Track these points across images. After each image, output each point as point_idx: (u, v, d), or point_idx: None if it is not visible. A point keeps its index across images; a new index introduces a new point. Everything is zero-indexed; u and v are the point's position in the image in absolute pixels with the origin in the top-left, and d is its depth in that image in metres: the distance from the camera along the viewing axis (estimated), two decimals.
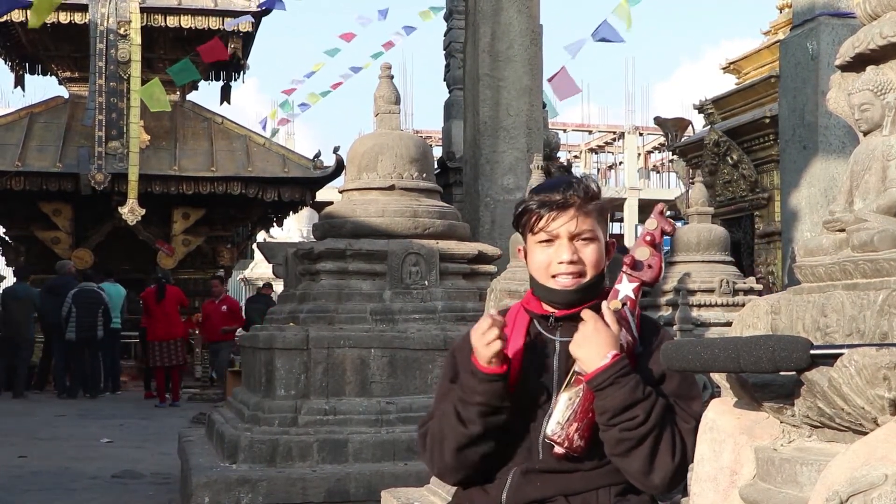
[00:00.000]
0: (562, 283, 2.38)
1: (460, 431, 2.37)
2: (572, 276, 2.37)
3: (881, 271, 1.91)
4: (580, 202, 2.37)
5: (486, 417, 2.35)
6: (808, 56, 8.67)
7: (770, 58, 14.12)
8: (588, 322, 2.30)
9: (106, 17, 16.47)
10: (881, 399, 1.70)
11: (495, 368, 2.32)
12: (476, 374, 2.34)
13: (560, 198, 2.37)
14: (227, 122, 18.53)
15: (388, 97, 7.47)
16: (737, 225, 13.66)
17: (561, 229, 2.37)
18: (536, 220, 2.39)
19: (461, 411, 2.37)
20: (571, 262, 2.36)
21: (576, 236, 2.37)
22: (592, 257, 2.38)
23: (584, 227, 2.37)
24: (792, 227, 9.03)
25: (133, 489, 7.61)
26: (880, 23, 2.05)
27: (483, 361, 2.32)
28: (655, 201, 16.03)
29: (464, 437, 2.37)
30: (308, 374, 6.46)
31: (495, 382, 2.32)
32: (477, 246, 7.31)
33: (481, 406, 2.34)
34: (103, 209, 17.28)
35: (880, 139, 2.05)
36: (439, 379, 2.61)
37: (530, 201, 2.41)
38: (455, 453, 2.40)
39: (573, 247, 2.37)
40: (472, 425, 2.36)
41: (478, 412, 2.34)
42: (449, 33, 19.14)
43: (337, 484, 6.04)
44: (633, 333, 2.37)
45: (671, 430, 2.27)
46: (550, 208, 2.37)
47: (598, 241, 2.40)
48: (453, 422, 2.38)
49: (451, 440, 2.39)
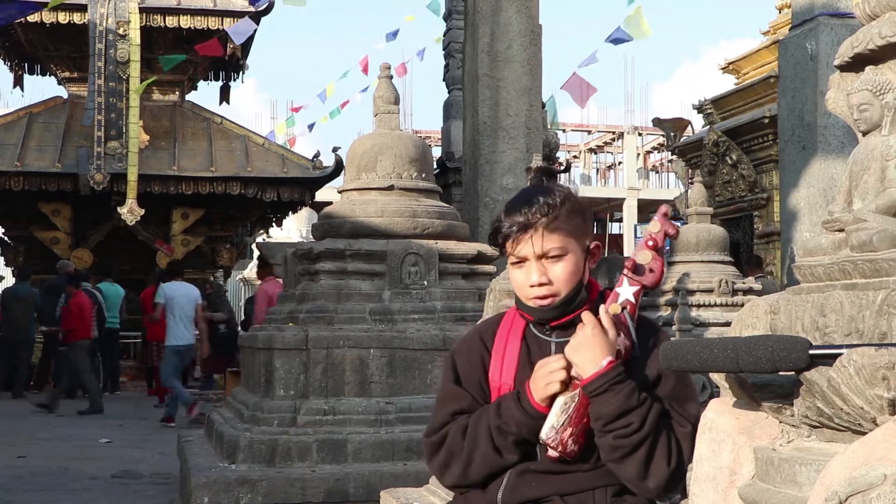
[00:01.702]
0: (539, 304, 2.36)
1: (494, 460, 2.34)
2: (546, 297, 2.34)
3: (880, 271, 1.91)
4: (545, 220, 2.31)
5: (521, 446, 2.33)
6: (808, 56, 8.67)
7: (769, 58, 14.12)
8: (586, 326, 2.28)
9: (105, 18, 16.47)
10: (880, 399, 1.70)
11: (546, 408, 2.29)
12: (526, 408, 2.30)
13: (522, 219, 2.32)
14: (226, 122, 18.53)
15: (388, 97, 7.47)
16: (736, 225, 13.66)
17: (527, 251, 2.33)
18: (505, 243, 2.37)
19: (496, 439, 2.32)
20: (541, 283, 2.32)
21: (543, 255, 2.33)
22: (563, 274, 2.33)
23: (550, 244, 2.32)
24: (791, 227, 9.03)
25: (133, 489, 7.61)
26: (879, 23, 2.05)
27: (537, 397, 2.29)
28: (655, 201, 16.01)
29: (497, 465, 2.35)
30: (307, 374, 6.46)
31: (540, 421, 2.29)
32: (476, 246, 7.31)
33: (519, 437, 2.31)
34: (102, 209, 17.27)
35: (879, 139, 2.05)
36: (440, 383, 2.57)
37: (499, 223, 2.38)
38: (483, 476, 2.37)
39: (542, 267, 2.33)
40: (508, 454, 2.33)
41: (514, 441, 2.32)
42: (448, 33, 19.15)
43: (336, 484, 6.04)
44: (631, 338, 2.35)
45: (666, 436, 2.26)
46: (515, 231, 2.33)
47: (570, 255, 2.34)
48: (487, 448, 2.34)
49: (482, 464, 2.35)
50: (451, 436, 2.40)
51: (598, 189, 38.96)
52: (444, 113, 19.49)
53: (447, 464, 2.40)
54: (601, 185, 40.92)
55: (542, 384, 2.28)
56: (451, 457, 2.39)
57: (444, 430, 2.41)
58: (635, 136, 38.67)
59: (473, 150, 11.27)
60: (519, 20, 11.14)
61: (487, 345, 2.47)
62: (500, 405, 2.34)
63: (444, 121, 19.48)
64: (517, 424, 2.30)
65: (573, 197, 2.40)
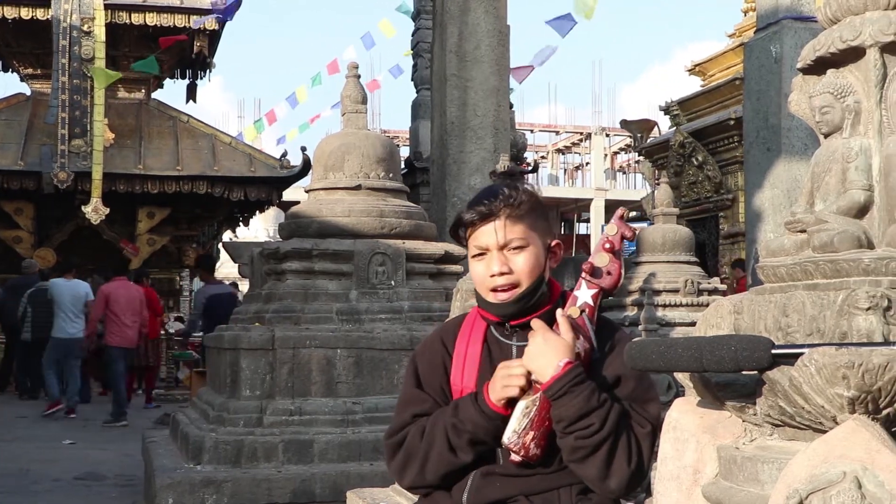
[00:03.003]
0: (499, 298, 2.35)
1: (450, 459, 2.34)
2: (507, 288, 2.34)
3: (841, 272, 1.94)
4: (507, 210, 2.32)
5: (476, 446, 2.33)
6: (772, 59, 8.76)
7: (735, 60, 14.25)
8: (536, 334, 2.29)
9: (69, 14, 16.29)
10: (840, 398, 1.72)
11: (503, 409, 2.29)
12: (483, 408, 2.30)
13: (485, 209, 2.33)
14: (192, 120, 18.39)
15: (355, 97, 7.46)
16: (702, 226, 13.77)
17: (489, 240, 2.33)
18: (466, 233, 2.37)
19: (452, 438, 2.33)
20: (502, 273, 2.32)
21: (505, 246, 2.33)
22: (524, 266, 2.33)
23: (512, 235, 2.33)
24: (756, 227, 9.11)
25: (96, 491, 7.54)
26: (840, 27, 2.08)
27: (494, 398, 2.29)
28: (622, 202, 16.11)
29: (452, 465, 2.35)
30: (274, 375, 6.44)
31: (498, 421, 2.30)
32: (443, 246, 7.31)
33: (475, 437, 2.32)
34: (67, 208, 17.09)
35: (840, 141, 2.07)
36: (403, 386, 2.57)
37: (461, 213, 2.39)
38: (439, 476, 2.37)
39: (503, 257, 2.33)
40: (463, 454, 2.33)
41: (469, 441, 2.32)
42: (416, 33, 19.14)
43: (302, 484, 6.02)
44: (591, 340, 2.36)
45: (627, 436, 2.27)
46: (477, 220, 2.34)
47: (532, 248, 2.35)
48: (443, 448, 2.34)
49: (437, 464, 2.35)
50: (409, 437, 2.40)
51: (565, 189, 39.11)
52: (413, 113, 19.47)
53: (405, 465, 2.40)
54: (569, 186, 41.07)
55: (500, 385, 2.28)
56: (408, 458, 2.39)
57: (404, 431, 2.42)
58: (603, 136, 38.84)
59: (441, 150, 11.27)
60: (487, 21, 11.15)
61: (448, 348, 2.46)
62: (457, 405, 2.35)
63: (413, 121, 19.46)
64: (473, 424, 2.30)
65: (536, 195, 2.41)
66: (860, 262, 1.91)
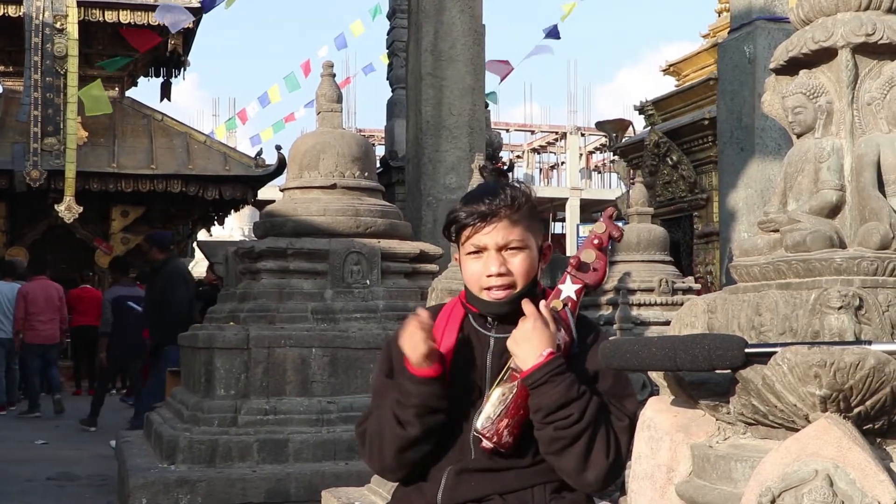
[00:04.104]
0: (494, 297, 2.36)
1: (399, 433, 2.36)
2: (503, 288, 2.35)
3: (813, 271, 1.95)
4: (507, 211, 2.33)
5: (423, 418, 2.33)
6: (746, 59, 8.81)
7: (709, 60, 14.31)
8: (528, 319, 2.29)
9: (42, 11, 16.15)
10: (812, 396, 1.73)
11: (428, 371, 2.30)
12: (410, 377, 2.32)
13: (486, 208, 2.33)
14: (167, 119, 18.28)
15: (330, 95, 7.45)
16: (676, 225, 13.81)
17: (488, 241, 2.34)
18: (464, 232, 2.37)
19: (398, 413, 2.35)
20: (500, 273, 2.33)
21: (504, 247, 2.34)
22: (521, 267, 2.35)
23: (511, 237, 2.34)
24: (730, 227, 9.16)
25: (69, 491, 7.48)
26: (812, 28, 2.09)
27: (414, 364, 2.31)
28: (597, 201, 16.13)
29: (403, 440, 2.36)
30: (248, 374, 6.41)
31: (430, 384, 2.31)
32: (419, 245, 7.31)
33: (418, 408, 2.32)
34: (39, 207, 16.93)
35: (812, 142, 2.09)
36: (375, 374, 2.58)
37: (458, 212, 2.38)
38: (395, 454, 2.38)
39: (501, 258, 2.34)
40: (411, 427, 2.34)
41: (415, 413, 2.32)
42: (392, 32, 19.11)
43: (277, 484, 6.00)
44: (571, 334, 2.37)
45: (605, 429, 2.29)
46: (477, 220, 2.34)
47: (528, 250, 2.36)
48: (392, 423, 2.36)
49: (391, 442, 2.37)
50: (370, 422, 2.45)
51: (541, 189, 39.08)
52: (388, 112, 19.44)
53: (370, 450, 2.45)
54: (544, 185, 41.11)
55: (409, 350, 2.31)
56: (371, 442, 2.44)
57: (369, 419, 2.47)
58: (578, 136, 38.94)
59: (416, 149, 11.27)
60: (462, 20, 11.16)
61: None
62: (397, 383, 2.38)
63: (388, 119, 19.43)
64: (410, 395, 2.32)
65: (533, 197, 2.43)
66: (832, 262, 1.93)
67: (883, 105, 2.03)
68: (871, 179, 1.99)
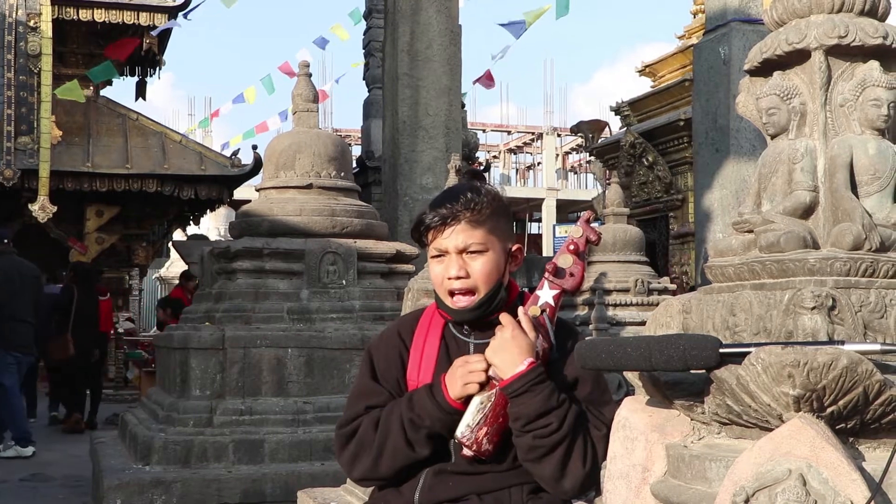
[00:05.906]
0: (458, 304, 2.36)
1: (406, 453, 2.34)
2: (465, 293, 2.34)
3: (787, 272, 1.96)
4: (468, 214, 2.32)
5: (433, 440, 2.33)
6: (721, 60, 8.86)
7: (684, 61, 14.37)
8: (506, 328, 2.29)
9: (15, 9, 16.02)
10: (786, 396, 1.74)
11: (460, 405, 2.30)
12: (441, 403, 2.30)
13: (446, 212, 2.33)
14: (142, 118, 18.16)
15: (307, 95, 7.43)
16: (652, 225, 13.86)
17: (448, 244, 2.33)
18: (428, 235, 2.37)
19: (409, 433, 2.32)
20: (459, 277, 2.33)
21: (463, 250, 2.33)
22: (481, 271, 2.34)
23: (471, 240, 2.33)
24: (705, 227, 9.21)
25: (43, 492, 7.43)
26: (786, 29, 2.10)
27: (454, 394, 2.29)
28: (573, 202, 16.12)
29: (409, 459, 2.35)
30: (224, 374, 6.39)
31: (455, 415, 2.30)
32: (395, 245, 7.30)
33: (432, 431, 2.32)
34: (12, 206, 16.79)
35: (786, 143, 2.10)
36: (357, 378, 2.56)
37: (424, 215, 2.38)
38: (393, 469, 2.37)
39: (461, 261, 2.33)
40: (420, 448, 2.33)
41: (427, 434, 2.32)
42: (368, 32, 19.09)
43: (253, 485, 5.98)
44: (550, 340, 2.37)
45: (583, 437, 2.29)
46: (438, 223, 2.33)
47: (490, 253, 2.35)
48: (398, 443, 2.33)
49: (392, 458, 2.35)
50: (362, 429, 2.39)
51: (517, 189, 39.17)
52: (364, 112, 19.42)
53: (357, 456, 2.39)
54: (520, 186, 41.19)
55: (461, 383, 2.28)
56: (361, 449, 2.39)
57: (357, 422, 2.41)
58: (554, 136, 39.02)
59: (393, 150, 11.25)
60: (439, 20, 11.16)
61: (406, 341, 2.46)
62: (412, 399, 2.34)
63: (364, 120, 19.41)
64: (430, 418, 2.30)
65: (500, 198, 2.42)
66: (806, 262, 1.94)
67: (855, 107, 2.05)
68: (843, 180, 2.01)
